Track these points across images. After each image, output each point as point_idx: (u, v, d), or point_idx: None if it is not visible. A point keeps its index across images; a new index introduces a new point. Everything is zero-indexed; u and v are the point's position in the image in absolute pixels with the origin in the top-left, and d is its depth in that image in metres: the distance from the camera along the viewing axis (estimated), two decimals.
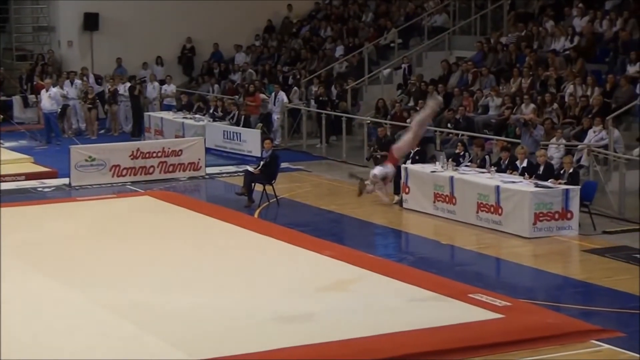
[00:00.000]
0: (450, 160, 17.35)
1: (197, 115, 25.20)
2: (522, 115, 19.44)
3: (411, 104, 23.77)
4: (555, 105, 19.93)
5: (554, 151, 18.30)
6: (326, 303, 11.66)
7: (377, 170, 12.41)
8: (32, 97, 28.08)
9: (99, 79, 28.34)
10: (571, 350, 10.24)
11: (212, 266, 13.56)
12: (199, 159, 21.08)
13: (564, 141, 18.46)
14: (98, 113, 26.72)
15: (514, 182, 15.91)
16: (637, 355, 9.96)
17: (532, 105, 20.10)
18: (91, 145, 21.39)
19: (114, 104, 27.02)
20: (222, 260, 13.89)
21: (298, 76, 27.19)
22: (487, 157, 17.53)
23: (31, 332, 10.58)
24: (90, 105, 26.39)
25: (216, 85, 28.87)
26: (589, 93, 19.96)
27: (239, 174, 20.24)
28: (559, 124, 19.44)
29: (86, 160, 20.07)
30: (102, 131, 26.97)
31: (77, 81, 27.30)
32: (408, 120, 15.87)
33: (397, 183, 17.95)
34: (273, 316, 11.18)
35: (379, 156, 20.45)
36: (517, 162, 16.71)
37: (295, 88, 26.03)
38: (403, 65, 26.08)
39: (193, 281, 12.76)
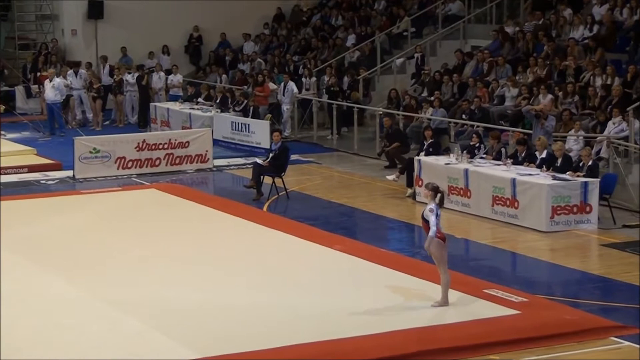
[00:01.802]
0: (464, 152, 17.30)
1: (201, 101, 25.10)
2: (532, 106, 19.38)
3: (425, 94, 23.73)
4: (577, 97, 19.85)
5: (573, 143, 18.25)
6: (336, 299, 11.65)
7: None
8: (35, 88, 28.12)
9: (113, 70, 28.24)
10: (590, 347, 10.21)
11: (220, 261, 13.56)
12: (207, 151, 21.06)
13: (582, 133, 18.40)
14: (104, 104, 26.75)
15: (530, 174, 15.87)
16: None
17: (549, 96, 20.03)
18: (96, 137, 21.39)
19: (120, 94, 27.03)
20: (230, 255, 13.89)
21: (309, 65, 27.15)
22: (503, 149, 17.48)
23: (34, 329, 10.60)
24: (95, 95, 26.40)
25: (224, 75, 28.85)
26: (609, 83, 19.89)
27: (248, 166, 20.22)
28: (577, 114, 19.38)
29: (90, 152, 20.07)
30: (107, 122, 26.98)
31: (82, 71, 27.32)
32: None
33: (409, 176, 17.93)
34: (281, 313, 11.17)
35: (387, 149, 20.49)
36: (537, 153, 16.66)
37: (311, 79, 25.91)
38: (416, 55, 26.00)
39: (200, 277, 12.75)
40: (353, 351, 9.91)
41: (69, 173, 20.04)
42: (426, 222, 11.24)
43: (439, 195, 11.31)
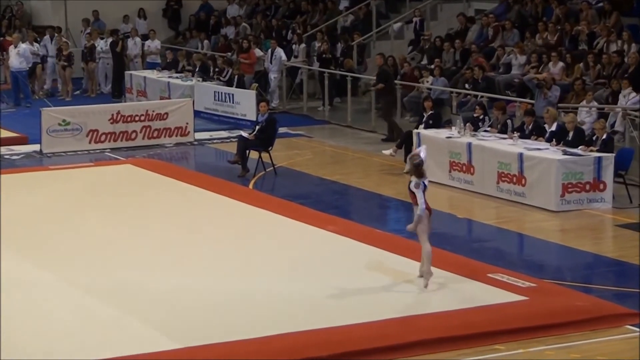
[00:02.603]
0: (467, 124, 17.30)
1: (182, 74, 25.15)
2: (534, 75, 19.35)
3: (424, 62, 23.69)
4: (596, 67, 19.78)
5: (585, 115, 18.25)
6: (329, 284, 11.65)
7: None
8: None
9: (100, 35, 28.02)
10: (603, 336, 10.25)
11: (201, 243, 13.55)
12: (187, 123, 21.06)
13: (596, 104, 18.40)
14: (93, 71, 26.59)
15: (539, 149, 15.88)
16: None
17: (560, 64, 20.02)
18: (65, 108, 21.37)
19: (92, 62, 26.95)
20: (213, 237, 13.89)
21: (298, 30, 27.08)
22: (509, 121, 17.49)
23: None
24: (64, 64, 26.31)
25: (206, 41, 28.77)
26: (625, 49, 19.89)
27: (232, 140, 20.22)
28: (591, 84, 19.38)
29: (60, 125, 20.04)
30: (78, 92, 26.92)
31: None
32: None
33: (408, 150, 17.92)
34: (269, 299, 11.18)
35: (372, 88, 20.63)
36: (546, 126, 16.66)
37: (301, 45, 25.85)
38: (415, 19, 25.96)
39: (180, 260, 12.75)
40: (345, 341, 9.91)
41: (36, 147, 20.01)
42: (414, 194, 11.48)
43: (420, 170, 11.52)
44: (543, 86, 18.45)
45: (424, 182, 11.53)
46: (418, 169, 11.59)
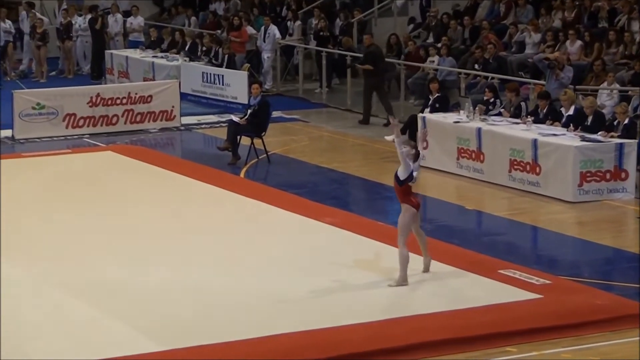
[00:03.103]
0: (477, 108, 17.27)
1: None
2: (546, 54, 19.30)
3: (430, 40, 23.66)
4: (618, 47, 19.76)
5: (606, 98, 18.23)
6: (326, 281, 11.64)
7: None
8: None
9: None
10: (624, 337, 10.22)
11: (188, 237, 13.52)
12: (173, 107, 21.05)
13: (617, 86, 18.38)
14: (70, 50, 26.56)
15: (555, 134, 15.87)
16: None
17: (578, 43, 19.99)
18: (40, 90, 21.35)
19: (69, 40, 26.91)
20: (200, 230, 13.86)
21: (293, 6, 27.04)
22: (522, 104, 17.46)
23: None
24: (39, 42, 26.27)
25: (193, 18, 28.73)
26: None
27: (222, 124, 20.21)
28: (612, 64, 19.35)
29: (34, 108, 20.02)
30: (54, 73, 26.89)
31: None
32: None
33: (412, 136, 17.89)
34: (260, 297, 11.15)
35: (357, 65, 20.91)
36: (562, 110, 16.63)
37: (296, 22, 25.83)
38: None
39: (164, 255, 12.71)
40: (344, 342, 9.89)
41: (8, 133, 19.97)
42: (398, 183, 11.33)
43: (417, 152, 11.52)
44: (555, 67, 18.36)
45: (412, 172, 11.37)
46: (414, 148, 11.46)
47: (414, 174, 11.48)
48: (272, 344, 9.82)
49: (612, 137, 15.63)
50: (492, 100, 17.74)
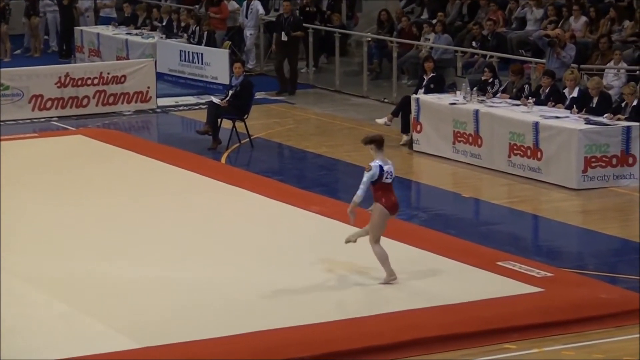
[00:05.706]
0: (475, 89, 17.31)
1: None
2: (545, 31, 19.31)
3: (424, 16, 23.67)
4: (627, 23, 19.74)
5: (612, 78, 18.27)
6: (313, 274, 11.68)
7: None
8: None
9: None
10: (630, 333, 10.27)
11: (165, 227, 13.56)
12: (148, 88, 21.06)
13: (624, 65, 18.42)
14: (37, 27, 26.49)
15: (557, 117, 15.91)
16: None
17: (583, 19, 20.03)
18: (3, 70, 21.21)
19: (35, 16, 26.84)
20: (178, 219, 13.89)
21: None
22: (526, 86, 17.42)
23: None
24: None
25: None
26: None
27: (201, 107, 20.20)
28: (619, 42, 19.39)
29: None
30: (19, 51, 26.82)
31: None
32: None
33: (405, 119, 17.95)
34: (243, 291, 11.20)
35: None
36: (565, 91, 16.68)
37: None
38: None
39: (139, 247, 12.76)
40: (332, 339, 9.93)
41: None
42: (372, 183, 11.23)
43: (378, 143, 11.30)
44: (555, 44, 18.36)
45: (381, 166, 11.22)
46: (374, 143, 11.31)
47: (385, 168, 11.26)
48: (256, 341, 9.86)
49: (618, 119, 15.68)
50: (490, 80, 17.76)
